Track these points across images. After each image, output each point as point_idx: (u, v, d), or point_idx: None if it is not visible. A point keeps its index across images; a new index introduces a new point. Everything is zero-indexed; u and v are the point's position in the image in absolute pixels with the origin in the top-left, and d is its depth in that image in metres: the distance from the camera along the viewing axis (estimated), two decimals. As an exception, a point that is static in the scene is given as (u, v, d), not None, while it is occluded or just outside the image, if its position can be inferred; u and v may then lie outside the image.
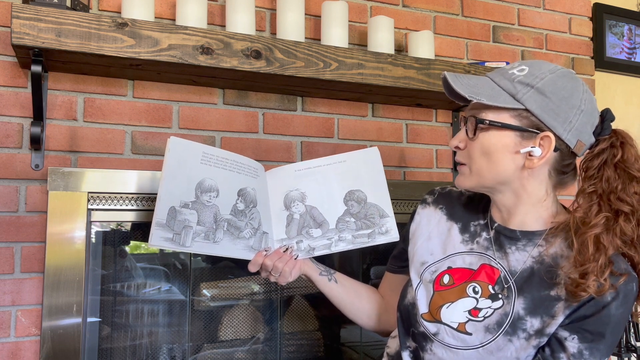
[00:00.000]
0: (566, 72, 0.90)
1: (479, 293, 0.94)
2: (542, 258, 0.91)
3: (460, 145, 0.95)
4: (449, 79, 0.91)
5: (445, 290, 0.97)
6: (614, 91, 2.15)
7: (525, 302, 0.89)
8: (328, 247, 1.13)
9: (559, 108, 0.87)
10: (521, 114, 0.88)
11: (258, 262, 1.07)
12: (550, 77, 0.88)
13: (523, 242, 0.94)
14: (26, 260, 1.30)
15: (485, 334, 0.90)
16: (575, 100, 0.88)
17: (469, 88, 0.90)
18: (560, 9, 2.00)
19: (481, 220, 1.01)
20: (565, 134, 0.87)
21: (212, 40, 1.31)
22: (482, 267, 0.96)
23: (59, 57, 1.23)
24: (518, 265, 0.93)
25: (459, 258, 0.99)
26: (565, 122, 0.87)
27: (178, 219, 1.01)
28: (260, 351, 1.60)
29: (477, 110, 0.91)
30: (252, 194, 1.10)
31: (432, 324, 0.95)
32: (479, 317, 0.92)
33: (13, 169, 1.30)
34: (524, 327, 0.88)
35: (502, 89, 0.90)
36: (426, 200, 1.10)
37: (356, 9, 1.68)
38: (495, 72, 0.94)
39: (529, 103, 0.87)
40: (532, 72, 0.89)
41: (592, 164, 0.90)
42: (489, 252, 0.96)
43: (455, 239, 1.01)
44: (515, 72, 0.90)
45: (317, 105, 1.62)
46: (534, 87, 0.87)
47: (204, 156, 1.05)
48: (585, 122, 0.88)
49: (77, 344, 1.26)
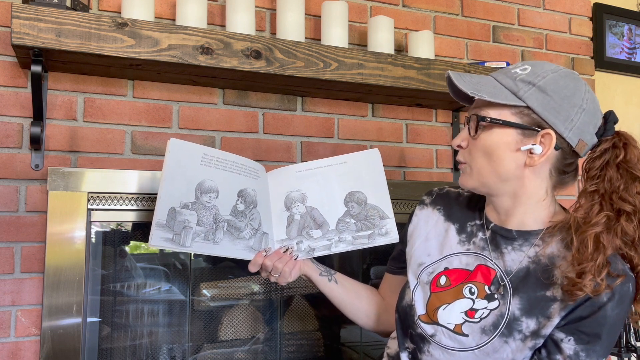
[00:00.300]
0: (568, 72, 0.90)
1: (475, 294, 0.94)
2: (538, 258, 0.91)
3: (463, 144, 0.95)
4: (452, 77, 0.91)
5: (441, 291, 0.97)
6: (614, 91, 2.15)
7: (521, 303, 0.89)
8: (328, 247, 1.13)
9: (560, 106, 0.87)
10: (522, 112, 0.88)
11: (258, 262, 1.07)
12: (552, 76, 0.88)
13: (519, 241, 0.94)
14: (26, 260, 1.30)
15: (482, 336, 0.90)
16: (577, 99, 0.88)
17: (471, 85, 0.90)
18: (560, 9, 2.00)
19: (477, 220, 1.01)
20: (567, 132, 0.87)
21: (212, 40, 1.31)
22: (478, 268, 0.95)
23: (59, 57, 1.23)
24: (514, 265, 0.92)
25: (455, 259, 0.99)
26: (566, 120, 0.87)
27: (178, 220, 1.01)
28: (260, 351, 1.60)
29: (479, 109, 0.92)
30: (252, 195, 1.11)
31: (430, 325, 0.95)
32: (475, 319, 0.92)
33: (13, 169, 1.30)
34: (519, 328, 0.88)
35: (504, 86, 0.90)
36: (424, 202, 1.10)
37: (356, 9, 1.68)
38: (499, 72, 0.94)
39: (531, 100, 0.87)
40: (535, 71, 0.89)
41: (594, 164, 0.90)
42: (485, 252, 0.96)
43: (452, 240, 1.01)
44: (518, 71, 0.91)
45: (317, 105, 1.62)
46: (536, 85, 0.87)
47: (204, 157, 1.05)
48: (587, 121, 0.88)
49: (77, 344, 1.26)
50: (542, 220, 0.94)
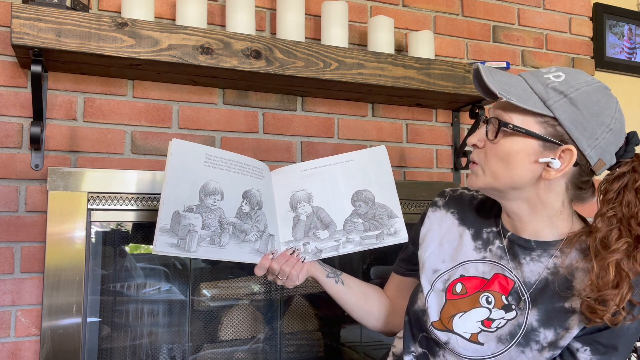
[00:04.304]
0: (602, 87, 0.87)
1: (492, 303, 0.92)
2: (557, 269, 0.89)
3: (479, 144, 0.92)
4: (482, 73, 0.86)
5: (457, 299, 0.95)
6: (614, 91, 2.12)
7: (539, 314, 0.88)
8: (336, 248, 1.09)
9: (588, 122, 0.83)
10: (547, 122, 0.84)
11: (265, 265, 1.05)
12: (586, 89, 0.85)
13: (538, 252, 0.92)
14: (26, 260, 1.30)
15: (498, 345, 0.89)
16: (605, 117, 0.84)
17: (500, 85, 0.86)
18: (561, 9, 2.00)
19: (494, 227, 0.99)
20: (589, 150, 0.84)
21: (212, 40, 1.31)
22: (496, 277, 0.94)
23: (59, 57, 1.23)
24: (532, 277, 0.91)
25: (471, 266, 0.97)
26: (591, 137, 0.84)
27: (182, 224, 0.97)
28: (260, 351, 1.60)
29: (502, 111, 0.88)
30: (258, 196, 1.08)
31: (443, 332, 0.93)
32: (491, 328, 0.90)
33: (13, 169, 1.30)
34: (537, 338, 0.87)
35: (533, 91, 0.86)
36: (437, 203, 1.07)
37: (356, 9, 1.68)
38: (530, 74, 0.89)
39: (559, 112, 0.83)
40: (568, 81, 0.85)
41: (611, 187, 0.87)
42: (503, 261, 0.94)
43: (468, 246, 0.99)
44: (551, 77, 0.86)
45: (317, 105, 1.61)
46: (567, 96, 0.83)
47: (208, 158, 1.02)
48: (612, 142, 0.85)
49: (77, 344, 1.26)
50: (560, 232, 0.91)
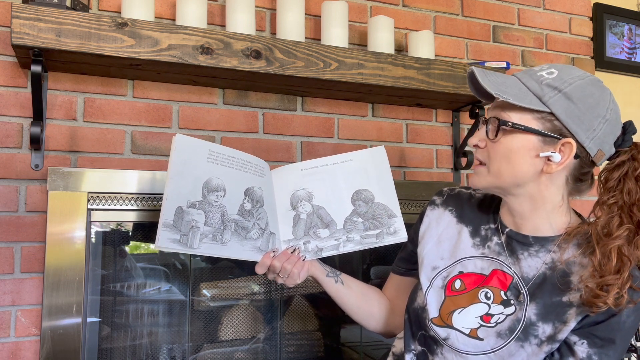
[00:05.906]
0: (595, 80, 0.89)
1: (490, 299, 0.93)
2: (555, 264, 0.91)
3: (480, 144, 0.93)
4: (476, 75, 0.88)
5: (457, 295, 0.96)
6: (614, 91, 2.12)
7: (537, 308, 0.89)
8: (336, 247, 1.10)
9: (584, 115, 0.86)
10: (545, 117, 0.87)
11: (266, 263, 1.05)
12: (579, 83, 0.87)
13: (535, 247, 0.93)
14: (26, 260, 1.30)
15: (497, 340, 0.89)
16: (601, 109, 0.87)
17: (496, 85, 0.88)
18: (560, 9, 2.00)
19: (492, 224, 1.00)
20: (588, 142, 0.86)
21: (212, 40, 1.31)
22: (494, 273, 0.95)
23: (59, 57, 1.23)
24: (531, 272, 0.92)
25: (470, 262, 0.98)
26: (588, 129, 0.86)
27: (185, 220, 0.97)
28: (260, 351, 1.60)
29: (500, 110, 0.90)
30: (259, 194, 1.08)
31: (442, 328, 0.94)
32: (490, 323, 0.91)
33: (13, 169, 1.30)
34: (535, 333, 0.88)
35: (529, 89, 0.88)
36: (435, 202, 1.09)
37: (356, 9, 1.68)
38: (523, 73, 0.92)
39: (555, 107, 0.86)
40: (561, 76, 0.87)
41: (612, 176, 0.89)
42: (501, 257, 0.96)
43: (466, 243, 1.00)
44: (544, 74, 0.89)
45: (317, 105, 1.61)
46: (562, 91, 0.86)
47: (211, 154, 1.02)
48: (609, 132, 0.88)
49: (77, 344, 1.26)
50: (558, 227, 0.93)
